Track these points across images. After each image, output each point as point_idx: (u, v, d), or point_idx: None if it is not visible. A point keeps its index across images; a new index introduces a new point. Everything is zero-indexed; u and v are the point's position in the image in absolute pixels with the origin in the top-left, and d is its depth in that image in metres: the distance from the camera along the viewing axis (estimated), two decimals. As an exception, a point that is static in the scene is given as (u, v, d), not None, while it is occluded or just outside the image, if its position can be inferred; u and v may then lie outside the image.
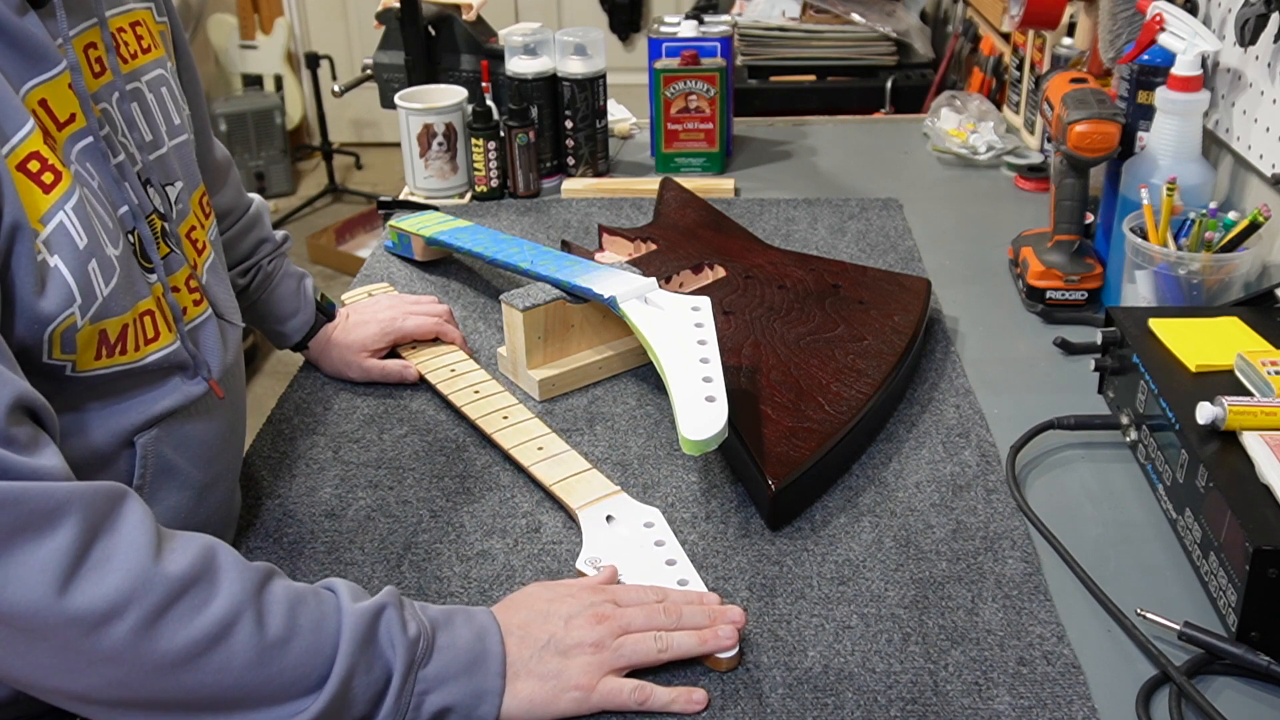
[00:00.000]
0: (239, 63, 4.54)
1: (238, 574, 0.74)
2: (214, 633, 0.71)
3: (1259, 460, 0.89)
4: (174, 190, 0.92)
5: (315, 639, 0.74)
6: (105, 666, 0.69)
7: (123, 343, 0.82)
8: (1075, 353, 1.26)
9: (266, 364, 3.39)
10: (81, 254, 0.77)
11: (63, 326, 0.77)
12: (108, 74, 0.86)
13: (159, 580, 0.70)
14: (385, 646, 0.76)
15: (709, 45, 1.74)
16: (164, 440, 0.88)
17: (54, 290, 0.75)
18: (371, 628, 0.76)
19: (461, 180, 1.71)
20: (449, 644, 0.79)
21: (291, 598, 0.75)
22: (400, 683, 0.76)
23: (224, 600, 0.72)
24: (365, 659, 0.75)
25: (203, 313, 0.93)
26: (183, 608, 0.70)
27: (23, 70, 0.77)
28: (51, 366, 0.78)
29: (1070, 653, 0.86)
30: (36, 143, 0.75)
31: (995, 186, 1.75)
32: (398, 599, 0.79)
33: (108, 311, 0.80)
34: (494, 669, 0.79)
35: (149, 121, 0.91)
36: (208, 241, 0.97)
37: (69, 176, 0.77)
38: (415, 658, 0.77)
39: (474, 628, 0.81)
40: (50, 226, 0.75)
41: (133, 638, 0.68)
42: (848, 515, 1.02)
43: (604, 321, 1.23)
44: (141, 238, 0.86)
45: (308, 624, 0.74)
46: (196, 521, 0.92)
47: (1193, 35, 1.25)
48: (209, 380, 0.91)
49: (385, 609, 0.78)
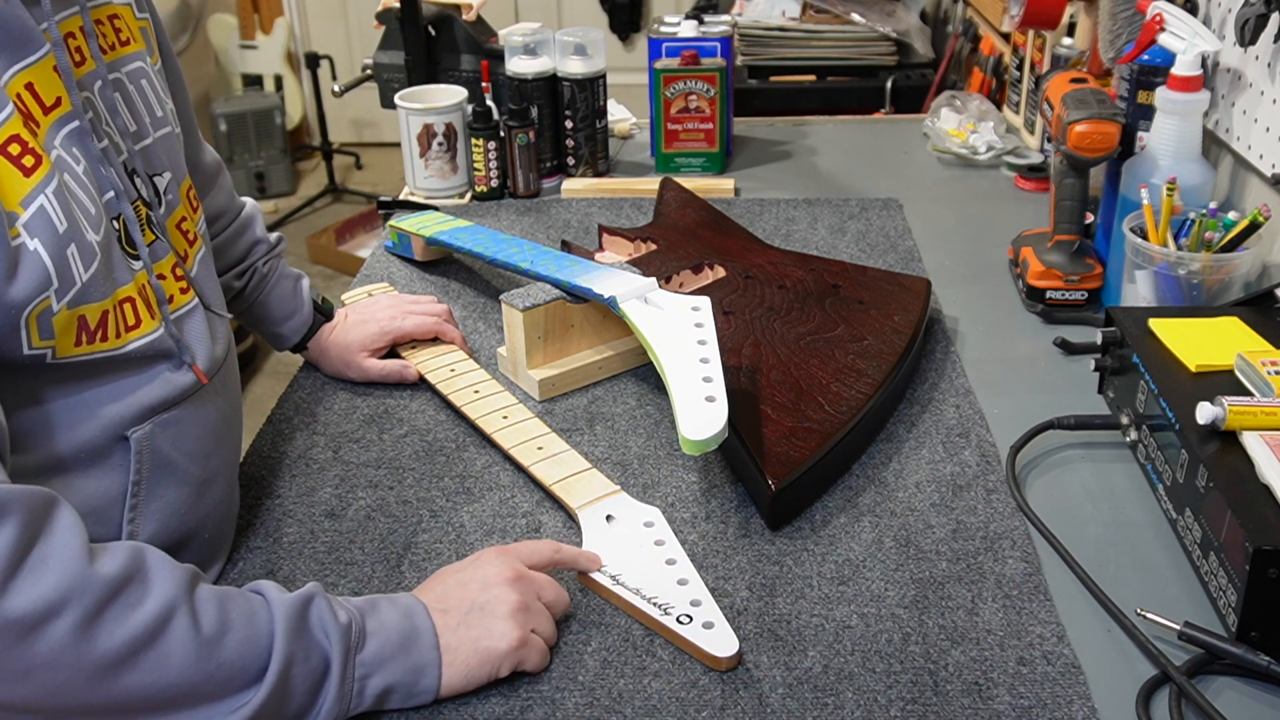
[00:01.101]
0: (239, 63, 4.54)
1: (169, 573, 0.74)
2: (150, 629, 0.71)
3: (1259, 460, 0.89)
4: (162, 181, 0.93)
5: (249, 631, 0.75)
6: (43, 673, 0.68)
7: (103, 329, 0.82)
8: (1075, 353, 1.26)
9: (266, 364, 3.39)
10: (61, 238, 0.77)
11: (38, 309, 0.76)
12: (89, 62, 0.86)
13: (94, 580, 0.70)
14: (319, 634, 0.77)
15: (709, 45, 1.74)
16: (158, 435, 0.88)
17: (29, 273, 0.75)
18: (302, 616, 0.77)
19: (461, 180, 1.71)
20: (378, 628, 0.80)
21: (221, 595, 0.76)
22: (340, 669, 0.77)
23: (157, 597, 0.72)
24: (301, 648, 0.76)
25: (189, 301, 0.93)
26: (118, 606, 0.70)
27: (6, 54, 0.78)
28: (32, 357, 0.78)
29: (1070, 653, 0.86)
30: (16, 126, 0.76)
31: (995, 186, 1.75)
32: (323, 591, 0.80)
33: (86, 297, 0.80)
34: (427, 642, 0.81)
35: (132, 111, 0.91)
36: (199, 234, 0.98)
37: (49, 162, 0.78)
38: (350, 643, 0.78)
39: (399, 608, 0.82)
40: (30, 210, 0.76)
41: (71, 639, 0.68)
42: (848, 515, 1.02)
43: (604, 321, 1.23)
44: (126, 223, 0.86)
45: (240, 617, 0.75)
46: (197, 518, 0.92)
47: (1193, 35, 1.25)
48: (193, 366, 0.90)
49: (314, 598, 0.79)
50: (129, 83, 0.91)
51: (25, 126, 0.77)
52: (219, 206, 1.16)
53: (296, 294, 1.23)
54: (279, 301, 1.22)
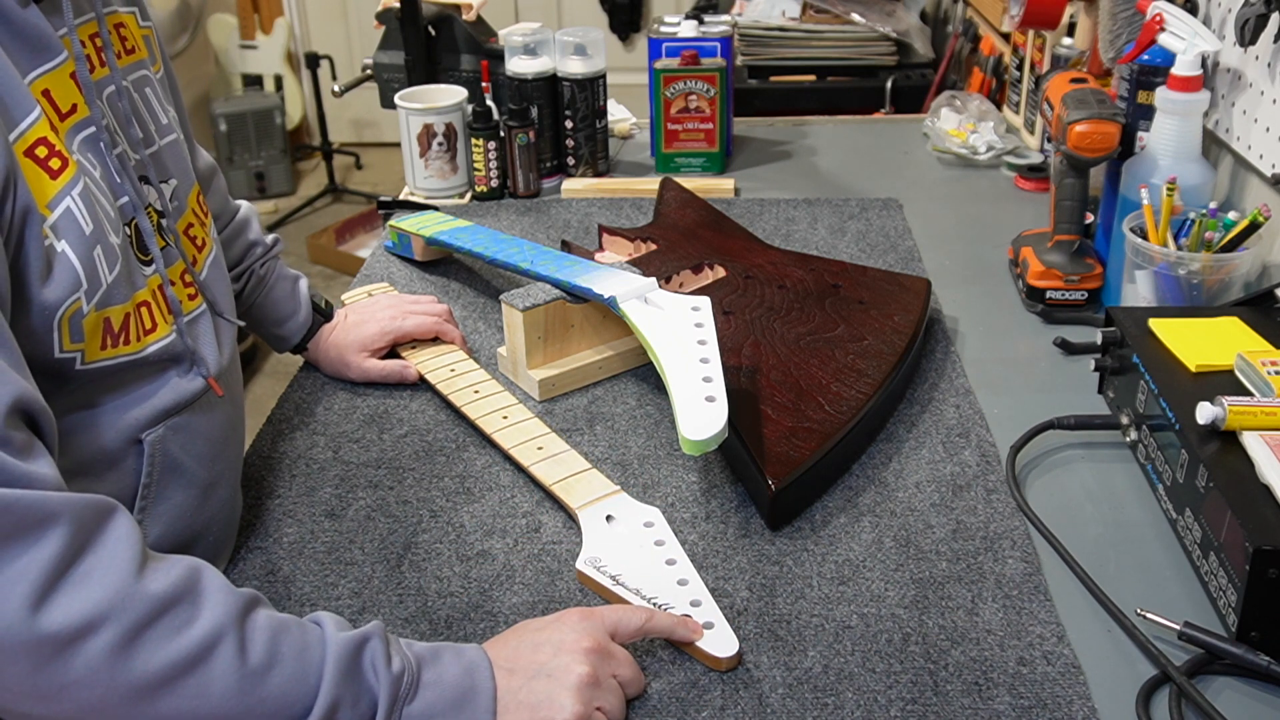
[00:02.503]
0: (239, 63, 4.54)
1: (222, 597, 0.72)
2: (194, 655, 0.69)
3: (1259, 460, 0.89)
4: (169, 188, 0.93)
5: (299, 667, 0.72)
6: (78, 690, 0.66)
7: (125, 332, 0.83)
8: (1075, 353, 1.26)
9: (266, 364, 3.39)
10: (88, 239, 0.78)
11: (70, 310, 0.77)
12: (104, 68, 0.87)
13: (139, 597, 0.68)
14: (370, 678, 0.74)
15: (709, 45, 1.74)
16: (170, 438, 0.88)
17: (61, 274, 0.76)
18: (356, 658, 0.74)
19: (461, 180, 1.71)
20: (435, 680, 0.76)
21: (275, 625, 0.73)
22: (385, 718, 0.73)
23: (206, 622, 0.70)
24: (350, 691, 0.73)
25: (198, 307, 0.93)
26: (162, 628, 0.68)
27: (26, 59, 0.78)
28: (63, 361, 0.79)
29: (1070, 653, 0.86)
30: (44, 129, 0.77)
31: (995, 186, 1.75)
32: (383, 632, 0.77)
33: (111, 299, 0.81)
34: (483, 705, 0.76)
35: (139, 119, 0.92)
36: (208, 238, 0.98)
37: (74, 164, 0.79)
38: (399, 693, 0.74)
39: (463, 663, 0.78)
40: (58, 212, 0.76)
41: (108, 657, 0.66)
42: (848, 515, 1.01)
43: (604, 321, 1.23)
44: (140, 229, 0.87)
45: (291, 652, 0.72)
46: (202, 520, 0.92)
47: (1193, 35, 1.25)
48: (206, 377, 0.91)
49: (370, 639, 0.75)
50: (134, 91, 0.92)
51: (51, 130, 0.78)
52: (214, 210, 1.16)
53: (295, 295, 1.23)
54: (277, 303, 1.22)
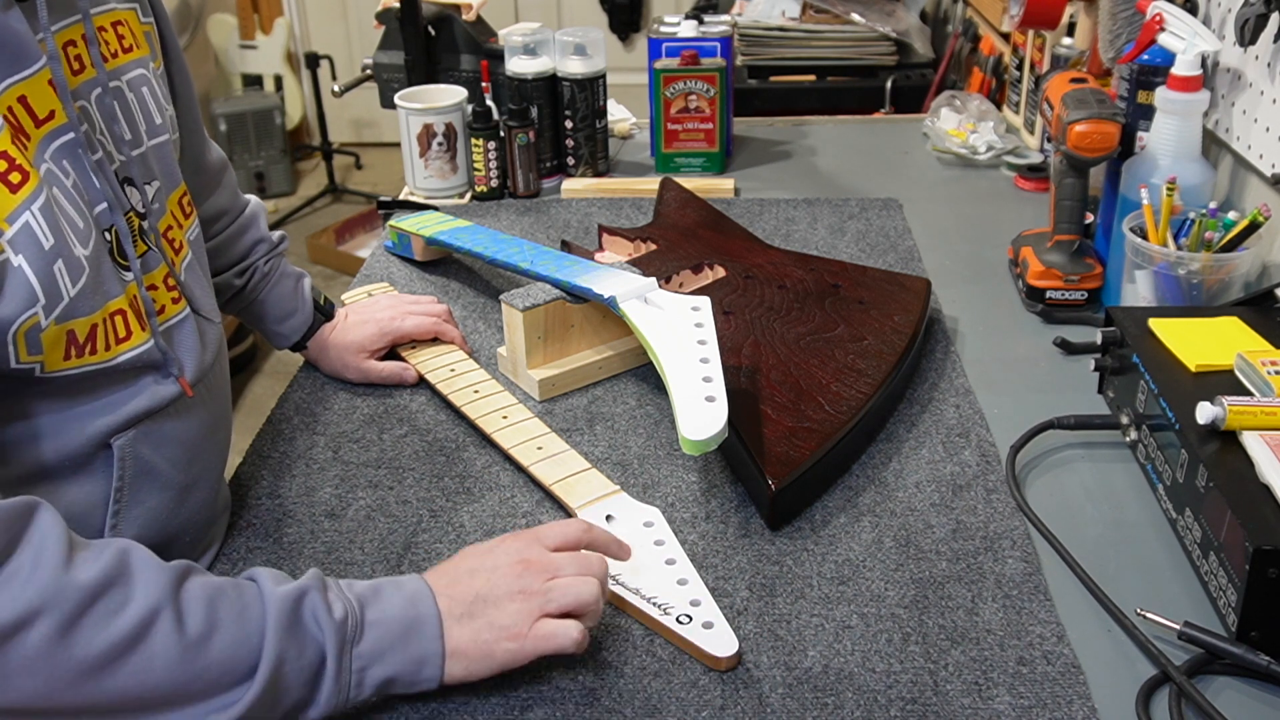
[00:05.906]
0: (239, 63, 4.54)
1: (153, 575, 0.74)
2: (132, 634, 0.71)
3: (1259, 460, 0.89)
4: (150, 189, 0.92)
5: (239, 630, 0.74)
6: (22, 678, 0.69)
7: (92, 343, 0.82)
8: (1075, 353, 1.26)
9: (266, 364, 3.39)
10: (47, 254, 0.77)
11: (25, 326, 0.76)
12: (88, 70, 0.86)
13: (71, 588, 0.70)
14: (313, 629, 0.77)
15: (709, 45, 1.74)
16: (141, 442, 0.88)
17: (15, 289, 0.75)
18: (296, 611, 0.76)
19: (461, 180, 1.71)
20: (379, 618, 0.79)
21: (210, 592, 0.75)
22: (336, 665, 0.76)
23: (139, 601, 0.72)
24: (295, 644, 0.75)
25: (180, 311, 0.92)
26: (97, 613, 0.70)
27: (1, 68, 0.77)
28: (20, 370, 0.78)
29: (1070, 653, 0.86)
30: (4, 142, 0.75)
31: (995, 186, 1.75)
32: (320, 581, 0.79)
33: (75, 312, 0.80)
34: (431, 632, 0.79)
35: (129, 120, 0.90)
36: (185, 241, 0.97)
37: (36, 177, 0.77)
38: (345, 637, 0.77)
39: (405, 595, 0.81)
40: (15, 226, 0.75)
41: (47, 647, 0.69)
42: (848, 515, 1.02)
43: (604, 321, 1.23)
44: (119, 234, 0.86)
45: (229, 616, 0.75)
46: (178, 523, 0.92)
47: (1192, 35, 1.25)
48: (179, 378, 0.90)
49: (308, 591, 0.78)
50: (128, 90, 0.91)
51: (14, 142, 0.76)
52: (223, 205, 1.16)
53: (297, 293, 1.23)
54: (279, 300, 1.22)
